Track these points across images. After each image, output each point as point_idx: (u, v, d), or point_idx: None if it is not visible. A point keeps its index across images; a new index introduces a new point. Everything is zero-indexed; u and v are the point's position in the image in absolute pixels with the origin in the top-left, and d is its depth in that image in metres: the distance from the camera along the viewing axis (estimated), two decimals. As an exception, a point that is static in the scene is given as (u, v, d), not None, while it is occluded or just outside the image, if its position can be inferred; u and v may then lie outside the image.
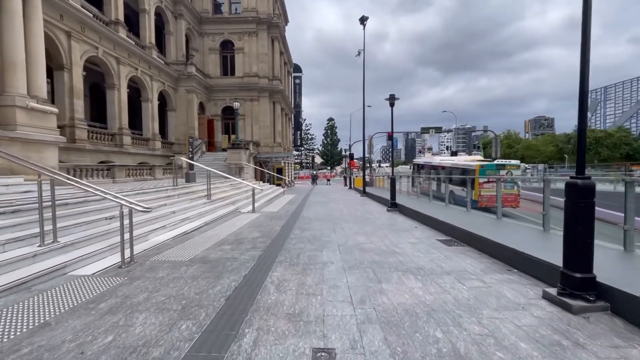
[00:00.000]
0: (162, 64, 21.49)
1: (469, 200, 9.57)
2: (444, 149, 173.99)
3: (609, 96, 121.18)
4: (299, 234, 7.18)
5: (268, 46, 28.95)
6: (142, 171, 16.08)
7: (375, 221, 9.29)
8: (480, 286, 3.89)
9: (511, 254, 4.75)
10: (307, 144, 77.13)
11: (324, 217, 9.93)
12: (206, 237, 6.75)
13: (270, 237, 6.85)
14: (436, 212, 9.22)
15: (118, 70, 17.20)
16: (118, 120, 17.33)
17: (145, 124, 20.64)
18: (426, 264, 4.82)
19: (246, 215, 10.34)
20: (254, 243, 6.20)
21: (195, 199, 10.52)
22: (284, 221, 9.08)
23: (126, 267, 4.52)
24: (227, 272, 4.36)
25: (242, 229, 7.72)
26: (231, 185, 15.44)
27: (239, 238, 6.67)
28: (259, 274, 4.28)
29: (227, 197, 12.52)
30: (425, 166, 28.97)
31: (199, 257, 5.10)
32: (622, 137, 40.71)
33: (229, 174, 19.70)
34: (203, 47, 27.95)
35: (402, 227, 8.20)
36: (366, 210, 11.88)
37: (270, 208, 12.44)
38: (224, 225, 8.31)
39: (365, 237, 6.96)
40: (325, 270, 4.54)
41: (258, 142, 27.82)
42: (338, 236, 7.02)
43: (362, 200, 16.20)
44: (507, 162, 19.39)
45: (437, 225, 7.81)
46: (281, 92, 30.58)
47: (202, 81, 25.85)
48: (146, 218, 6.91)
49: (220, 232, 7.34)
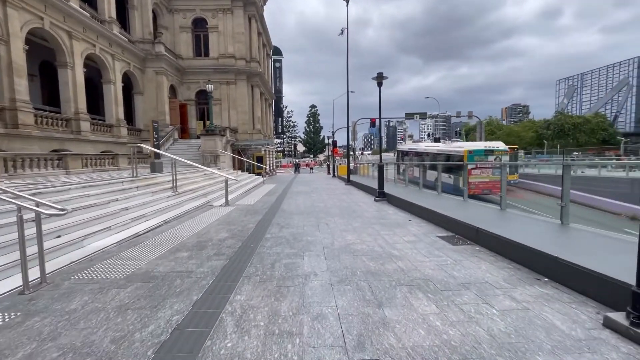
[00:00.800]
0: (125, 41, 19.37)
1: (465, 188, 8.69)
2: (425, 136, 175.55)
3: (586, 82, 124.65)
4: (277, 233, 6.06)
5: (245, 25, 26.98)
6: (104, 161, 14.40)
7: (363, 214, 8.28)
8: (515, 308, 2.91)
9: (535, 256, 3.82)
10: (289, 132, 75.26)
11: (306, 210, 8.83)
12: (161, 240, 5.51)
13: (241, 237, 5.68)
14: (430, 202, 8.30)
15: (71, 46, 15.14)
16: (73, 103, 15.38)
17: (108, 108, 18.66)
18: (434, 273, 3.83)
19: (218, 209, 9.09)
20: (220, 247, 5.02)
21: (158, 191, 9.15)
22: (260, 216, 7.91)
23: (31, 292, 3.27)
24: (173, 296, 3.19)
25: (209, 228, 6.50)
26: (205, 176, 14.04)
27: (202, 240, 5.47)
28: (217, 299, 3.14)
29: (197, 189, 11.17)
30: (409, 153, 28.32)
31: (141, 273, 3.88)
32: (600, 122, 41.61)
33: (203, 163, 18.20)
34: (173, 25, 25.70)
35: (394, 221, 7.22)
36: (352, 201, 10.87)
37: (246, 200, 11.21)
38: (188, 223, 7.05)
39: (354, 234, 5.92)
40: (307, 287, 3.45)
41: (236, 128, 26.19)
42: (323, 234, 5.94)
43: (347, 190, 15.20)
44: (496, 147, 18.86)
45: (434, 218, 6.87)
46: (260, 75, 28.81)
47: (173, 62, 23.78)
48: (86, 218, 5.59)
49: (181, 232, 6.10)
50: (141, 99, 22.12)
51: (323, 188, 16.04)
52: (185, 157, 18.86)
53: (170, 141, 21.53)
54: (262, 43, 33.86)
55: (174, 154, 19.84)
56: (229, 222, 7.09)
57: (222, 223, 7.02)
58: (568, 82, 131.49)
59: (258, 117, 29.42)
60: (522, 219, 5.99)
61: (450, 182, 18.59)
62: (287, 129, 73.06)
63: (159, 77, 22.32)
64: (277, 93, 42.59)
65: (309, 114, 72.83)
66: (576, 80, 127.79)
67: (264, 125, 32.76)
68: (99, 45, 17.13)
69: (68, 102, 15.26)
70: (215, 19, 26.02)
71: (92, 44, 16.66)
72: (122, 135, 18.88)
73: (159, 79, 22.33)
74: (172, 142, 21.72)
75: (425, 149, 24.84)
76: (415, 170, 21.42)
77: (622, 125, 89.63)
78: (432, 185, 14.67)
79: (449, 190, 15.74)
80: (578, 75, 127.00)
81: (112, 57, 18.32)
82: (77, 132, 15.27)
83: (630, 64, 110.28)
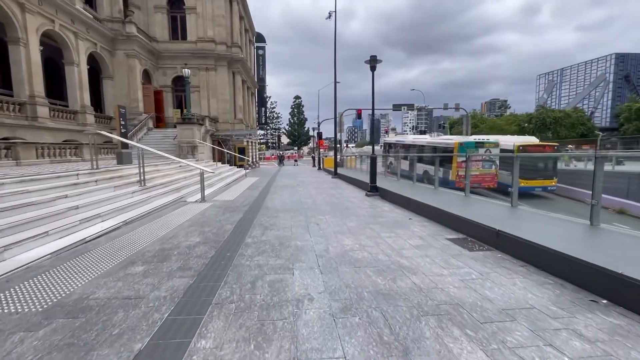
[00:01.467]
0: (90, 18, 17.49)
1: (467, 183, 7.94)
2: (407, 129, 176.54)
3: (565, 78, 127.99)
4: (259, 237, 5.08)
5: (226, 7, 25.30)
6: (65, 151, 12.85)
7: (357, 211, 7.41)
8: (592, 355, 2.09)
9: (584, 269, 3.05)
10: (272, 123, 73.45)
11: (293, 207, 7.87)
12: (114, 247, 4.43)
13: (215, 243, 4.68)
14: (428, 197, 7.53)
15: (23, 20, 13.34)
16: (28, 85, 13.64)
17: (72, 93, 16.86)
18: (462, 294, 2.99)
19: (192, 206, 7.99)
20: (187, 258, 4.01)
21: (122, 186, 7.94)
22: (240, 214, 6.89)
23: None
24: (105, 345, 2.18)
25: (177, 230, 5.44)
26: (180, 168, 12.79)
27: (166, 248, 4.43)
28: (170, 348, 2.16)
29: (170, 183, 9.98)
30: (396, 145, 27.71)
31: (69, 301, 2.84)
32: (579, 117, 42.48)
33: (180, 154, 16.83)
34: (147, 5, 23.72)
35: (393, 220, 6.38)
36: (342, 196, 9.99)
37: (226, 195, 10.12)
38: (153, 224, 5.96)
39: (351, 237, 5.03)
40: (300, 321, 2.53)
41: (216, 117, 24.70)
42: (314, 238, 5.02)
43: (335, 183, 14.32)
44: (486, 139, 18.42)
45: (439, 217, 6.08)
46: (242, 61, 27.26)
47: (147, 45, 21.94)
48: (15, 221, 4.42)
49: (142, 236, 5.03)
50: (111, 83, 20.27)
51: (309, 181, 15.09)
52: (160, 148, 17.39)
53: (144, 130, 19.90)
54: (245, 28, 32.14)
55: (147, 143, 18.32)
56: (203, 223, 6.04)
57: (195, 224, 5.96)
58: (548, 77, 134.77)
59: (240, 106, 27.94)
60: (541, 218, 5.26)
61: (439, 176, 18.07)
62: (271, 120, 71.22)
63: (131, 60, 20.50)
64: (260, 82, 40.90)
65: (294, 105, 71.16)
66: (556, 75, 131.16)
67: (246, 115, 31.29)
68: (59, 21, 15.29)
69: (21, 83, 13.50)
70: (192, -1, 24.20)
71: (50, 19, 14.82)
72: (88, 123, 17.15)
73: (131, 62, 20.51)
74: (146, 132, 20.10)
75: (413, 141, 24.25)
76: (403, 163, 20.84)
77: (598, 121, 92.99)
78: (421, 178, 14.00)
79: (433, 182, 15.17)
80: (558, 70, 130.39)
81: (74, 36, 16.47)
82: (32, 119, 13.58)
83: (608, 59, 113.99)
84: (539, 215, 5.52)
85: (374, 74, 10.00)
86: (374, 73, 10.00)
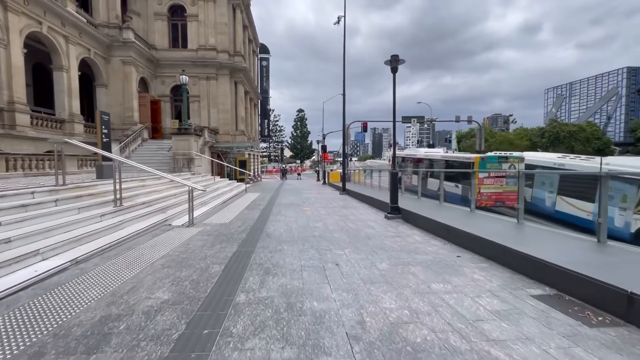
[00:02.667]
0: (84, 22, 16.42)
1: (521, 207, 6.34)
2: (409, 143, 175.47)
3: (574, 92, 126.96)
4: (256, 291, 3.50)
5: (229, 15, 24.38)
6: (43, 163, 11.42)
7: (382, 242, 5.82)
8: None
9: None
10: (275, 136, 72.49)
11: (300, 235, 6.30)
12: (30, 314, 2.85)
13: (191, 305, 3.10)
14: (470, 224, 5.99)
15: (5, 19, 12.17)
16: (7, 90, 12.36)
17: (60, 100, 15.60)
18: None
19: (176, 233, 6.43)
20: (137, 343, 2.43)
21: (90, 206, 6.43)
22: (234, 247, 5.32)
23: None
24: None
25: (143, 277, 3.87)
26: (171, 183, 11.28)
27: (111, 315, 2.86)
28: None
29: (154, 201, 8.45)
30: (406, 159, 26.20)
31: None
32: (594, 131, 40.97)
33: (175, 167, 15.40)
34: (147, 11, 22.83)
35: (435, 257, 4.79)
36: (358, 219, 8.41)
37: (220, 217, 8.57)
38: (114, 262, 4.39)
39: (392, 293, 3.44)
40: None
41: (216, 128, 23.41)
42: (337, 293, 3.43)
43: (345, 201, 12.75)
44: (509, 154, 16.89)
45: (498, 255, 4.50)
46: (245, 70, 26.18)
47: (145, 52, 20.88)
48: None
49: (86, 287, 3.46)
50: (104, 91, 19.07)
51: (316, 198, 13.54)
52: (152, 160, 15.98)
53: (139, 141, 18.55)
54: (248, 38, 31.30)
55: (140, 155, 16.92)
56: (182, 262, 4.47)
57: (171, 263, 4.39)
58: (557, 92, 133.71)
59: (242, 117, 26.68)
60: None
61: (458, 192, 16.51)
62: (274, 132, 70.31)
63: (127, 67, 19.36)
64: (263, 94, 39.89)
65: (297, 118, 70.27)
66: (564, 89, 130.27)
67: (248, 127, 30.04)
68: (47, 23, 14.16)
69: None
70: (195, 6, 23.30)
71: (37, 20, 13.69)
72: (77, 133, 15.81)
73: (127, 69, 19.37)
74: (141, 143, 18.74)
75: (425, 155, 22.75)
76: (414, 179, 19.27)
77: (612, 135, 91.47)
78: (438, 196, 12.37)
79: (455, 200, 13.60)
80: (567, 84, 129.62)
81: (65, 40, 15.32)
82: (10, 127, 12.22)
83: (619, 73, 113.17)
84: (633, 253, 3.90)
85: (395, 75, 8.58)
86: (395, 75, 8.58)
